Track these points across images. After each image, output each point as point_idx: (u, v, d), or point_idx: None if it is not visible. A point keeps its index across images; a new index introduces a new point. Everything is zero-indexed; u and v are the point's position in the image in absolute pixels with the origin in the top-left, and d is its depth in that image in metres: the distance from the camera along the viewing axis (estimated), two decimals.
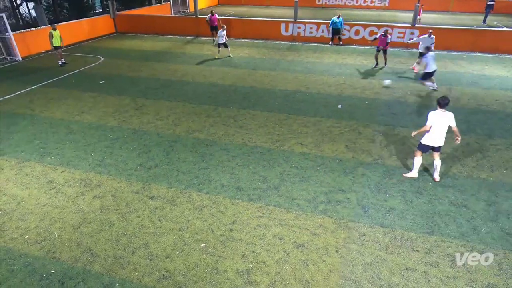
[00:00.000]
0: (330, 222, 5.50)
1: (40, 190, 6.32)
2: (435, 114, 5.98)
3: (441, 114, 5.97)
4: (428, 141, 6.18)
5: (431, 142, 6.16)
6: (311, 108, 9.99)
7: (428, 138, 6.16)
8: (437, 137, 6.07)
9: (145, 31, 21.19)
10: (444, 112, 5.96)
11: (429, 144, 6.20)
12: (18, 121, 9.15)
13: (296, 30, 18.70)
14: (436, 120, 5.96)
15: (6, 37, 14.59)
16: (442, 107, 5.95)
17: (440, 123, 5.97)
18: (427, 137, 6.17)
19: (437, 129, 6.00)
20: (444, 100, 5.92)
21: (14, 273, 4.61)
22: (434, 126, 5.98)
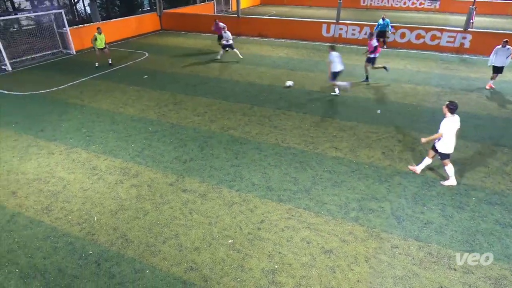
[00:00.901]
0: (361, 231, 5.33)
1: (84, 176, 6.77)
2: (450, 121, 5.91)
3: (454, 120, 5.94)
4: (449, 149, 6.10)
5: (451, 149, 6.10)
6: (348, 112, 9.73)
7: (449, 146, 6.07)
8: (453, 144, 6.07)
9: (188, 29, 21.87)
10: (454, 117, 5.94)
11: (450, 152, 6.14)
12: (69, 110, 9.86)
13: (338, 32, 18.29)
14: (452, 127, 5.91)
15: (64, 32, 15.77)
16: (453, 113, 5.91)
17: (455, 129, 5.96)
18: (447, 146, 6.07)
19: (452, 136, 5.98)
20: (455, 105, 5.89)
21: (57, 250, 4.98)
22: (450, 133, 5.94)
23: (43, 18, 15.75)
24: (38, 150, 7.72)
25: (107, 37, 14.17)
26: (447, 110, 5.92)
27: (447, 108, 5.90)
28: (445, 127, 5.89)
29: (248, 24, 20.35)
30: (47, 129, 8.70)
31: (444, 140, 6.00)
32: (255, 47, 17.58)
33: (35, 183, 6.54)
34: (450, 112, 5.89)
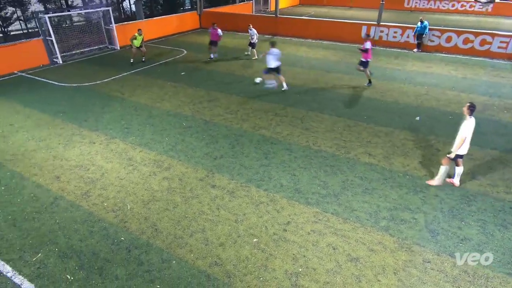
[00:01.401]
0: (391, 241, 5.12)
1: (121, 165, 7.11)
2: (470, 123, 5.83)
3: (473, 122, 5.86)
4: (464, 150, 6.02)
5: (465, 151, 6.04)
6: (384, 117, 9.39)
7: (464, 148, 5.99)
8: (468, 145, 6.01)
9: (226, 28, 22.18)
10: (472, 119, 5.86)
11: (464, 153, 6.09)
12: (111, 102, 10.41)
13: (378, 34, 17.70)
14: (471, 129, 5.86)
15: (110, 28, 16.66)
16: (472, 114, 5.82)
17: (472, 131, 5.90)
18: (463, 147, 5.97)
19: (469, 138, 5.94)
20: (475, 107, 5.81)
21: (92, 234, 5.28)
22: (469, 135, 5.90)
23: (93, 15, 16.74)
24: (81, 138, 8.22)
25: (149, 34, 14.79)
26: (468, 111, 5.82)
27: (468, 110, 5.80)
28: (467, 129, 5.83)
29: (286, 25, 20.27)
30: (90, 119, 9.24)
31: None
32: (292, 48, 17.48)
33: (76, 169, 6.97)
34: (469, 114, 5.81)
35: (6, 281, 4.50)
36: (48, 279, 4.52)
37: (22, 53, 13.66)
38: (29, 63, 13.85)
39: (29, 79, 12.68)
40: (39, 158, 7.36)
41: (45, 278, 4.53)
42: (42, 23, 13.84)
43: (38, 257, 4.87)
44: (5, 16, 16.08)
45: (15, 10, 16.38)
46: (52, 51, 14.35)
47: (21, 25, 16.93)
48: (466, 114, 5.85)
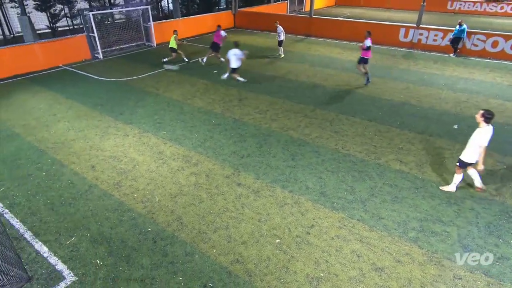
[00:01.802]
0: (420, 253, 4.91)
1: (151, 159, 7.36)
2: (487, 131, 5.58)
3: (490, 130, 5.61)
4: (473, 159, 5.83)
5: (474, 159, 5.82)
6: (419, 123, 9.00)
7: (474, 156, 5.79)
8: (477, 155, 5.77)
9: (259, 28, 22.30)
10: (489, 127, 5.61)
11: (472, 162, 5.89)
12: (145, 97, 10.80)
13: (417, 37, 16.98)
14: (488, 138, 5.62)
15: (148, 26, 17.28)
16: (489, 122, 5.59)
17: (488, 140, 5.64)
18: (472, 156, 5.81)
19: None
20: (492, 114, 5.55)
21: (121, 223, 5.52)
22: (484, 144, 5.66)
23: (133, 13, 17.44)
24: (116, 131, 8.60)
25: (185, 33, 15.18)
26: (482, 119, 5.57)
27: (482, 117, 5.56)
28: (486, 139, 5.57)
29: (320, 25, 20.01)
30: (125, 113, 9.65)
31: (472, 149, 5.74)
32: (325, 49, 17.22)
33: (110, 160, 7.31)
34: (485, 122, 5.56)
35: (42, 260, 4.81)
36: (79, 262, 4.78)
37: (67, 48, 14.53)
38: (73, 57, 14.71)
39: (72, 72, 13.47)
40: (77, 148, 7.79)
41: (77, 261, 4.79)
42: (87, 20, 14.64)
43: (72, 240, 5.16)
44: (54, 13, 17.16)
45: (63, 7, 17.45)
46: (94, 47, 15.15)
47: (68, 22, 18.00)
48: (481, 122, 5.59)
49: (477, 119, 5.67)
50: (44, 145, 7.91)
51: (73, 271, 4.62)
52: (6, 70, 12.73)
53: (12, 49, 13.00)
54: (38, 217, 5.63)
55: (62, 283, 4.45)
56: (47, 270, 4.64)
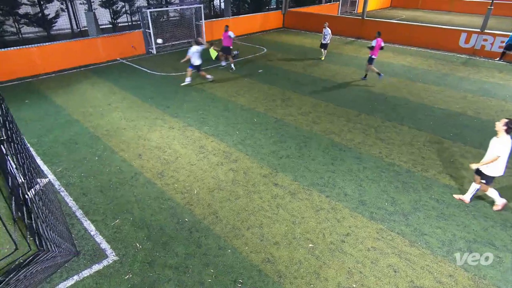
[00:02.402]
0: (466, 277, 4.54)
1: (193, 152, 7.62)
2: (505, 141, 5.19)
3: (509, 140, 5.18)
4: (499, 172, 5.46)
5: (501, 172, 5.46)
6: (476, 136, 8.30)
7: (500, 169, 5.42)
8: (504, 166, 5.42)
9: (308, 29, 22.05)
10: (508, 137, 5.19)
11: (497, 176, 5.52)
12: (192, 93, 11.21)
13: (480, 43, 15.66)
14: (508, 149, 5.22)
15: (199, 24, 17.88)
16: (509, 132, 5.17)
17: (509, 151, 5.25)
18: (498, 169, 5.42)
19: (505, 158, 5.31)
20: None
21: (161, 211, 5.79)
22: (506, 155, 5.28)
23: (186, 11, 18.17)
24: (163, 123, 9.03)
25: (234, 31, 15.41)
26: (504, 128, 5.20)
27: (505, 126, 5.18)
28: (501, 148, 5.21)
29: (372, 28, 19.25)
30: (172, 106, 10.09)
31: (497, 162, 5.36)
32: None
33: (155, 150, 7.70)
34: (506, 132, 5.21)
35: (89, 237, 5.21)
36: (121, 243, 5.10)
37: (125, 43, 15.54)
38: (129, 51, 15.69)
39: (127, 65, 14.38)
40: (127, 136, 8.31)
41: (119, 242, 5.12)
42: (144, 16, 15.53)
43: (116, 222, 5.52)
44: (116, 9, 18.44)
45: (124, 5, 18.68)
46: (149, 42, 16.02)
47: (127, 18, 19.24)
48: (501, 131, 5.24)
49: (497, 127, 5.32)
50: (98, 131, 8.54)
51: (115, 251, 4.95)
52: (72, 61, 13.95)
53: (78, 42, 14.22)
54: (88, 198, 6.10)
55: (104, 261, 4.78)
56: (92, 247, 5.02)
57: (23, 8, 15.48)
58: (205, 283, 4.44)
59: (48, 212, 4.16)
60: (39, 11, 16.02)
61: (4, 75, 12.10)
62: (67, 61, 13.81)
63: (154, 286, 4.41)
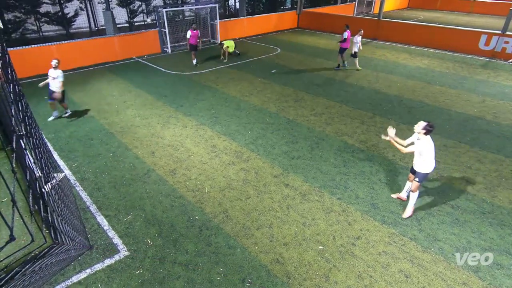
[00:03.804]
0: (480, 285, 4.41)
1: (205, 151, 7.68)
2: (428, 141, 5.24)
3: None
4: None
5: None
6: (494, 142, 8.07)
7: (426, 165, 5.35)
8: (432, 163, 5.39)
9: (323, 29, 21.89)
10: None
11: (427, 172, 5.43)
12: (205, 91, 11.29)
13: (501, 45, 15.20)
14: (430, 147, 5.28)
15: (214, 24, 17.99)
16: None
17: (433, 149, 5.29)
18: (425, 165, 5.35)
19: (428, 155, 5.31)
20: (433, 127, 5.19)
21: (172, 208, 5.85)
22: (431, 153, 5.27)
23: (201, 11, 18.31)
24: (176, 121, 9.13)
25: (249, 31, 15.53)
26: (423, 131, 5.18)
27: (424, 130, 5.16)
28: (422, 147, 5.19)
29: (388, 29, 18.97)
30: (185, 105, 10.19)
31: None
32: (391, 54, 16.30)
33: (168, 148, 7.79)
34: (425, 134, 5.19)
35: (102, 232, 5.31)
36: (133, 239, 5.18)
37: (141, 42, 15.77)
38: (144, 50, 15.93)
39: (143, 64, 14.60)
40: (141, 134, 8.43)
41: (131, 238, 5.20)
42: (160, 16, 15.73)
43: (128, 218, 5.61)
44: (133, 9, 18.76)
45: (141, 4, 18.98)
46: (164, 42, 16.21)
47: (143, 17, 19.54)
48: (421, 133, 5.22)
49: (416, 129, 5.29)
50: (113, 128, 8.70)
51: (126, 246, 5.03)
52: (90, 59, 14.26)
53: (96, 41, 14.52)
54: (102, 193, 6.23)
55: (116, 256, 4.87)
56: (105, 242, 5.12)
57: (44, 7, 15.93)
58: (214, 281, 4.47)
59: (63, 206, 4.26)
60: (59, 10, 16.44)
61: (25, 71, 12.47)
62: (85, 59, 14.12)
63: (164, 282, 4.46)
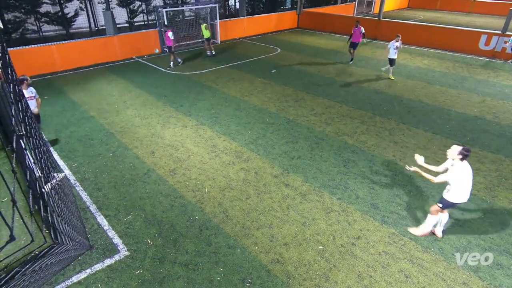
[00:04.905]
0: (480, 285, 4.41)
1: (205, 151, 7.68)
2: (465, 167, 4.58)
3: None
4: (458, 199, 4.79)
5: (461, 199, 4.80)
6: (494, 141, 8.07)
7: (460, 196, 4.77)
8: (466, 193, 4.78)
9: (323, 29, 21.89)
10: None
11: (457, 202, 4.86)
12: (205, 91, 11.29)
13: (501, 45, 15.21)
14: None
15: (214, 24, 17.99)
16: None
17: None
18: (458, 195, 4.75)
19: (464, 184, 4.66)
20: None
21: (172, 208, 5.85)
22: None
23: (201, 10, 18.30)
24: (176, 121, 9.13)
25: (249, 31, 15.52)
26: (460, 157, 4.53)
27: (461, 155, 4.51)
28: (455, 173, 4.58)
29: (388, 29, 18.96)
30: (186, 105, 10.19)
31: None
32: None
33: (168, 148, 7.78)
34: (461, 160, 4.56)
35: (102, 232, 5.31)
36: (133, 239, 5.18)
37: (141, 41, 15.77)
38: (145, 50, 15.93)
39: (143, 64, 14.60)
40: (141, 133, 8.43)
41: (131, 238, 5.20)
42: (160, 16, 15.73)
43: (128, 218, 5.61)
44: (133, 9, 18.76)
45: (141, 4, 18.98)
46: (164, 42, 16.19)
47: (143, 17, 19.54)
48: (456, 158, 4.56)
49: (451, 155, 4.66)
50: (113, 128, 8.70)
51: (126, 246, 5.03)
52: (90, 59, 14.26)
53: (96, 41, 14.52)
54: (102, 193, 6.23)
55: (116, 256, 4.87)
56: (105, 242, 5.12)
57: (44, 7, 15.93)
58: (214, 281, 4.47)
59: (63, 206, 4.26)
60: (59, 10, 16.44)
61: (25, 71, 12.45)
62: (85, 59, 14.12)
63: (164, 282, 4.46)
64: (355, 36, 13.89)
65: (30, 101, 7.08)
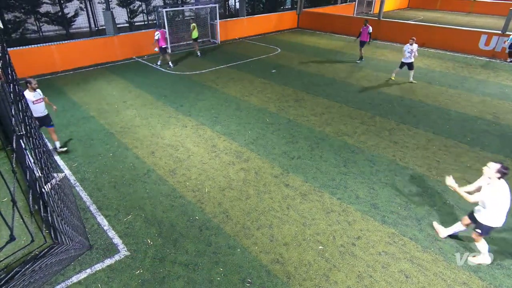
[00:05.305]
0: (480, 285, 4.41)
1: (205, 151, 7.67)
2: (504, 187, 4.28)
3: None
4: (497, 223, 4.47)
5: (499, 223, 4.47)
6: (494, 142, 8.07)
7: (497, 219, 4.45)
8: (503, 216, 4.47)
9: (323, 29, 21.89)
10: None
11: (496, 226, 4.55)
12: (205, 91, 11.28)
13: (501, 45, 15.21)
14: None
15: (214, 24, 17.99)
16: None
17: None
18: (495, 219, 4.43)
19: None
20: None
21: (172, 208, 5.85)
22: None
23: (201, 10, 18.30)
24: (176, 121, 9.13)
25: (248, 31, 15.53)
26: (498, 175, 4.23)
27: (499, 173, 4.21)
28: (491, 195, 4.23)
29: (388, 29, 18.97)
30: (186, 105, 10.19)
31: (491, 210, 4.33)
32: (391, 54, 16.30)
33: (168, 148, 7.78)
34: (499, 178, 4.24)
35: (102, 232, 5.31)
36: (133, 239, 5.18)
37: (141, 41, 15.77)
38: (144, 50, 15.92)
39: (143, 64, 14.60)
40: (141, 134, 8.43)
41: (131, 238, 5.20)
42: (160, 16, 15.72)
43: (128, 218, 5.61)
44: (133, 9, 18.75)
45: (141, 4, 18.97)
46: None
47: (143, 17, 19.53)
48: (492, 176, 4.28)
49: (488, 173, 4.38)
50: (113, 128, 8.70)
51: (126, 246, 5.03)
52: (90, 59, 14.26)
53: (96, 41, 14.52)
54: (102, 193, 6.23)
55: (116, 256, 4.87)
56: (105, 242, 5.12)
57: (44, 7, 15.93)
58: (214, 281, 4.47)
59: (63, 206, 4.26)
60: (59, 10, 16.44)
61: (25, 71, 12.47)
62: (85, 59, 14.12)
63: (164, 282, 4.46)
64: (363, 35, 14.14)
65: (40, 104, 6.91)
